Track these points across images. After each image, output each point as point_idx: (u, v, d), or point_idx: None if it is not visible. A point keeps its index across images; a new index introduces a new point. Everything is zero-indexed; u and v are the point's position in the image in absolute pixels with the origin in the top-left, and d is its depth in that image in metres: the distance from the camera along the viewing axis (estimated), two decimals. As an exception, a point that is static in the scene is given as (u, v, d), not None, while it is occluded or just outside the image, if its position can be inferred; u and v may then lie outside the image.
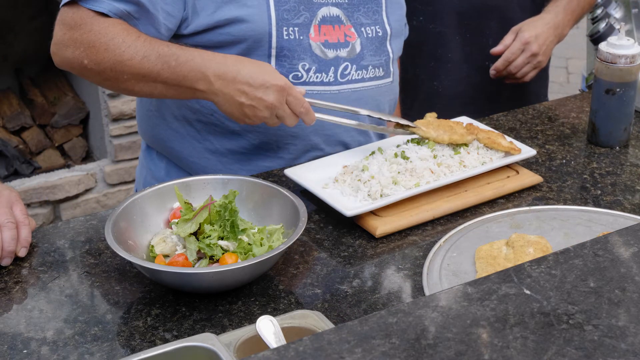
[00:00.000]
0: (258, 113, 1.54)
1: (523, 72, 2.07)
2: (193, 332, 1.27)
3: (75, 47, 1.57)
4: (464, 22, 2.18)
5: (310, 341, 0.92)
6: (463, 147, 1.68)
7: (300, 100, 1.55)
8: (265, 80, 1.52)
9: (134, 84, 1.57)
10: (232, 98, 1.53)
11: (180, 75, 1.54)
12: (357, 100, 1.77)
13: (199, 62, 1.53)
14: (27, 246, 1.44)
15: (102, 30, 1.54)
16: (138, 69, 1.54)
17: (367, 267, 1.43)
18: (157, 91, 1.58)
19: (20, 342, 1.26)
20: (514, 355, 0.89)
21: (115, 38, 1.54)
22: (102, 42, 1.54)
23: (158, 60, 1.53)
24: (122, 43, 1.53)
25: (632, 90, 1.80)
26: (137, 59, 1.53)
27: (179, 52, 1.54)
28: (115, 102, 3.36)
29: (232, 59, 1.56)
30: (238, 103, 1.53)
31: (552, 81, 2.48)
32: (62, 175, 3.41)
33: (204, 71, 1.53)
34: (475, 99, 2.24)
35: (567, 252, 1.08)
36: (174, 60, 1.53)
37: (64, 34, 1.59)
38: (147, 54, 1.53)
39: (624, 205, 1.61)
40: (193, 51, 1.56)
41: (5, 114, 3.53)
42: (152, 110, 1.80)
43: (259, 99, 1.53)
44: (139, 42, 1.54)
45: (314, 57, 1.71)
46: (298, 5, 1.69)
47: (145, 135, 1.87)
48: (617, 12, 2.20)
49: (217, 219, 1.38)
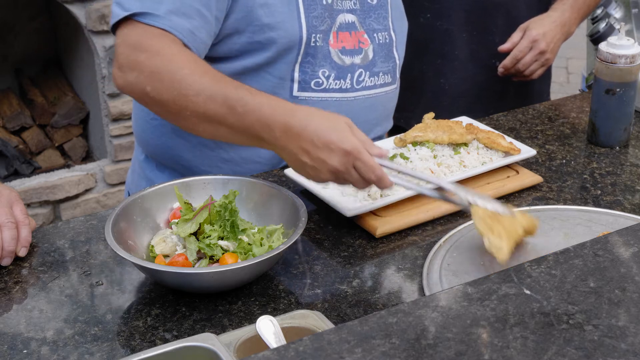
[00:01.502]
0: (321, 175, 1.39)
1: (531, 69, 2.07)
2: (193, 332, 1.27)
3: (140, 72, 1.45)
4: (470, 20, 2.18)
5: (310, 341, 0.92)
6: (463, 147, 1.68)
7: (370, 166, 1.37)
8: (331, 141, 1.36)
9: (197, 123, 1.45)
10: (295, 156, 1.39)
11: (246, 123, 1.41)
12: (370, 107, 1.76)
13: (267, 112, 1.39)
14: (27, 246, 1.44)
15: (169, 57, 1.45)
16: (203, 109, 1.42)
17: (367, 267, 1.43)
18: (219, 134, 1.46)
19: (20, 342, 1.26)
20: (514, 355, 0.90)
21: (183, 69, 1.43)
22: (168, 71, 1.43)
23: (224, 103, 1.41)
24: (188, 76, 1.43)
25: (632, 90, 1.80)
26: (202, 97, 1.41)
27: (247, 98, 1.41)
28: (115, 102, 3.36)
29: (302, 111, 1.40)
30: (301, 162, 1.39)
31: (553, 81, 2.47)
32: (62, 175, 3.41)
33: (270, 123, 1.39)
34: (481, 97, 2.25)
35: (567, 252, 1.08)
36: (241, 106, 1.41)
37: (128, 56, 1.47)
38: (214, 94, 1.41)
39: (624, 205, 1.61)
40: (262, 98, 1.42)
41: (5, 114, 3.53)
42: (157, 119, 1.73)
43: (322, 161, 1.37)
44: (206, 78, 1.43)
45: (333, 63, 1.69)
46: (324, 12, 1.67)
47: (148, 146, 1.79)
48: (617, 12, 2.20)
49: (217, 219, 1.38)
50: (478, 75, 2.22)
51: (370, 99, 1.76)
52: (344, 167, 1.37)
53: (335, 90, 1.70)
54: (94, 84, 3.39)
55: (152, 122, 1.75)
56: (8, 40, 3.64)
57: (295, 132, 1.37)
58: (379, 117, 1.80)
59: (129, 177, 1.91)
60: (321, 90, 1.68)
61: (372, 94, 1.76)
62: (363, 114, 1.72)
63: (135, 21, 1.48)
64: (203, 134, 1.49)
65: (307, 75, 1.67)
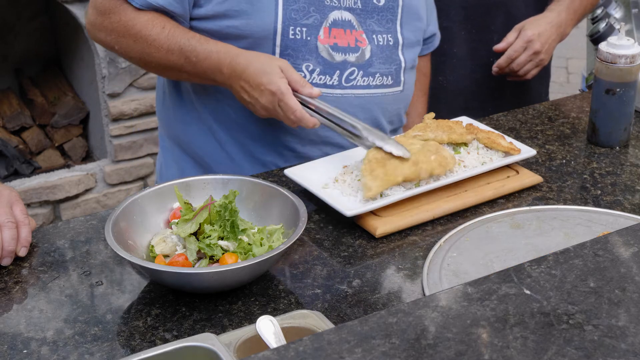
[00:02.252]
0: (257, 110, 1.64)
1: (525, 69, 2.08)
2: (193, 332, 1.27)
3: (107, 33, 1.69)
4: (469, 18, 2.20)
5: (310, 341, 0.92)
6: (463, 147, 1.68)
7: (290, 107, 1.58)
8: (261, 82, 1.59)
9: (162, 72, 1.72)
10: (238, 93, 1.64)
11: (200, 70, 1.65)
12: (360, 106, 1.76)
13: (215, 57, 1.63)
14: (27, 246, 1.44)
15: (129, 22, 1.65)
16: (164, 62, 1.66)
17: (367, 267, 1.43)
18: (183, 78, 1.72)
19: (20, 342, 1.26)
20: (514, 355, 0.90)
21: (142, 30, 1.65)
22: (131, 34, 1.66)
23: (180, 54, 1.64)
24: (148, 36, 1.65)
25: (632, 90, 1.80)
26: (162, 52, 1.65)
27: (198, 47, 1.64)
28: (115, 102, 3.36)
29: (245, 55, 1.63)
30: (242, 98, 1.64)
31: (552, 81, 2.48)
32: (62, 175, 3.41)
33: (220, 67, 1.63)
34: (479, 95, 2.26)
35: (567, 252, 1.08)
36: (194, 56, 1.64)
37: (95, 18, 1.70)
38: (171, 47, 1.64)
39: (624, 205, 1.61)
40: (212, 46, 1.64)
41: (5, 114, 3.53)
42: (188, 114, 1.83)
43: (255, 99, 1.62)
44: (162, 34, 1.64)
45: (320, 58, 1.71)
46: (308, 6, 1.69)
47: (176, 138, 1.89)
48: (617, 12, 2.20)
49: (217, 219, 1.38)
50: (477, 73, 2.24)
51: (361, 98, 1.76)
52: (272, 106, 1.60)
53: (320, 86, 1.72)
54: (94, 84, 3.40)
55: (165, 98, 1.87)
56: (8, 40, 3.64)
57: (237, 73, 1.62)
58: (375, 117, 1.80)
59: (160, 165, 1.97)
60: None
61: (363, 94, 1.76)
62: (353, 112, 1.71)
63: None
64: (170, 78, 1.77)
65: None
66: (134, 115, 3.41)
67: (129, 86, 3.36)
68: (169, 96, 1.85)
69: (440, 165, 1.58)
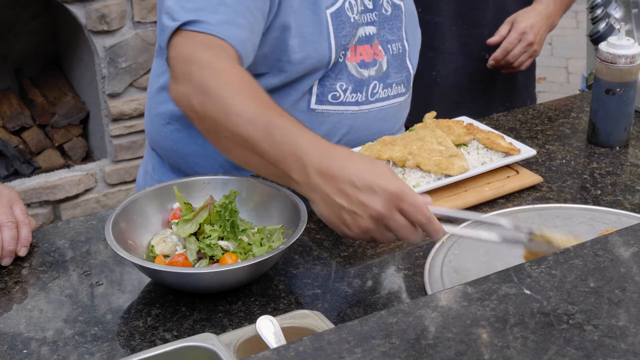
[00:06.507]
0: (360, 222, 1.25)
1: (520, 61, 2.16)
2: (193, 332, 1.27)
3: (189, 84, 1.38)
4: (460, 13, 2.25)
5: (310, 341, 0.92)
6: (463, 147, 1.68)
7: (419, 206, 1.25)
8: (373, 182, 1.23)
9: (232, 147, 1.36)
10: (330, 198, 1.25)
11: (280, 154, 1.28)
12: (382, 119, 1.75)
13: (304, 145, 1.27)
14: (27, 246, 1.45)
15: (218, 71, 1.37)
16: (241, 130, 1.31)
17: (367, 267, 1.43)
18: (250, 162, 1.35)
19: (20, 342, 1.26)
20: (514, 355, 0.90)
21: (231, 85, 1.36)
22: (216, 86, 1.35)
23: (264, 129, 1.30)
24: (234, 94, 1.34)
25: (632, 90, 1.80)
26: (242, 118, 1.31)
27: (289, 127, 1.30)
28: (115, 102, 3.36)
29: (341, 151, 1.29)
30: (337, 205, 1.25)
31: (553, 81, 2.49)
32: (62, 175, 3.41)
33: (304, 160, 1.26)
34: (471, 89, 2.31)
35: (567, 252, 1.08)
36: (280, 135, 1.29)
37: (181, 67, 1.41)
38: (256, 117, 1.31)
39: (624, 205, 1.61)
40: (303, 131, 1.31)
41: (5, 114, 3.53)
42: (172, 124, 1.71)
43: (363, 204, 1.23)
44: (252, 100, 1.34)
45: (351, 77, 1.68)
46: (352, 29, 1.65)
47: (162, 149, 1.77)
48: (617, 12, 2.20)
49: (217, 219, 1.38)
50: (468, 67, 2.29)
51: (383, 110, 1.75)
52: (388, 211, 1.24)
53: (352, 104, 1.69)
54: (94, 84, 3.39)
55: (167, 127, 1.71)
56: (8, 40, 3.64)
57: (332, 172, 1.25)
58: (391, 127, 1.80)
59: (141, 178, 1.88)
60: (338, 103, 1.68)
61: (385, 106, 1.75)
62: (376, 125, 1.71)
63: (186, 31, 1.42)
64: (235, 159, 1.40)
65: (325, 88, 1.66)
66: (134, 115, 3.41)
67: (129, 86, 3.36)
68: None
69: (436, 165, 1.58)
